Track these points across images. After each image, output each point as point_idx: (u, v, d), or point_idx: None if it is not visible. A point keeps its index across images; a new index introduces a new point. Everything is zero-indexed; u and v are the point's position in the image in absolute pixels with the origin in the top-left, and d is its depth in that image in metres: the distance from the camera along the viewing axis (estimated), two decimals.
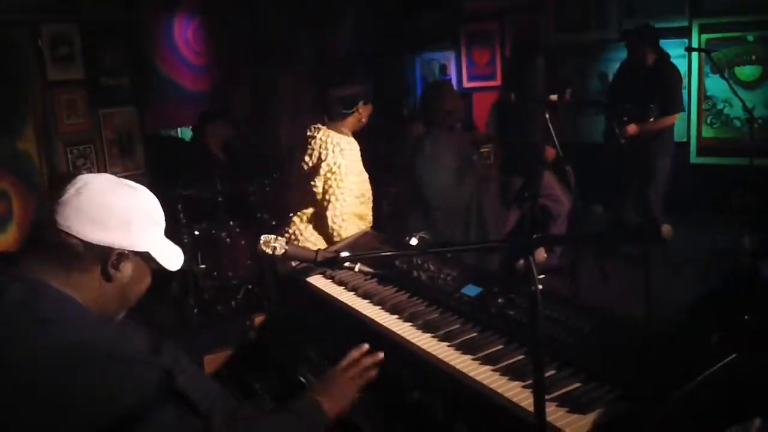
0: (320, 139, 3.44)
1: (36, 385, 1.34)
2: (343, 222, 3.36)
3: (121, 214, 1.52)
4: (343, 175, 3.34)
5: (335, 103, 3.48)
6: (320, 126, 3.50)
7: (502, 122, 5.76)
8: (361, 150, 3.52)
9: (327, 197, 3.35)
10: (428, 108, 4.76)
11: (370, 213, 3.57)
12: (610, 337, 1.76)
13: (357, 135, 3.62)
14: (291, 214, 3.60)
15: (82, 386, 1.35)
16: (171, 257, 1.66)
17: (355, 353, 1.95)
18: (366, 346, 1.96)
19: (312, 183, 3.41)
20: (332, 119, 3.50)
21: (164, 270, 1.65)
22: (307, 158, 3.47)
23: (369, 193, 3.57)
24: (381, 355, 1.94)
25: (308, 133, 3.52)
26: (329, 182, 3.34)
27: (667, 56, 5.77)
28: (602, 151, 5.90)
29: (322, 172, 3.36)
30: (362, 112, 3.53)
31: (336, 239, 3.36)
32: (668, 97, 5.59)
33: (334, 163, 3.34)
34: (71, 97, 5.67)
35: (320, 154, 3.40)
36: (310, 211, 3.52)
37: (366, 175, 3.54)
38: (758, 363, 1.64)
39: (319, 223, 3.47)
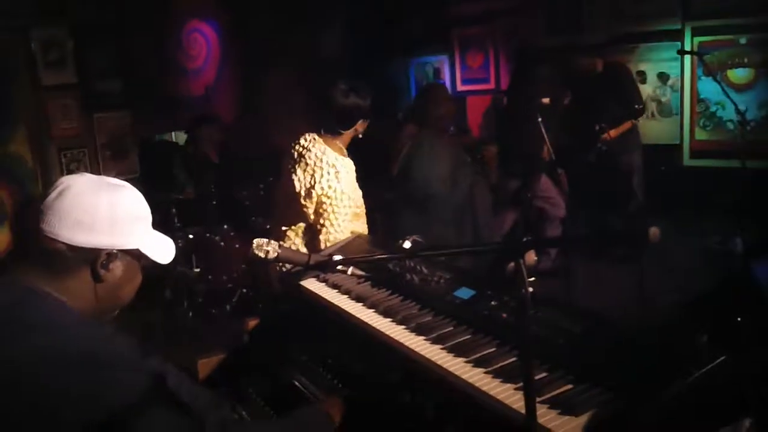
0: (315, 155, 3.17)
1: (21, 391, 1.33)
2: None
3: (106, 214, 1.50)
4: (339, 200, 3.10)
5: (332, 117, 3.22)
6: (316, 137, 3.24)
7: (499, 125, 5.80)
8: (354, 154, 3.39)
9: (321, 221, 3.12)
10: (422, 110, 4.77)
11: (364, 225, 3.36)
12: (600, 338, 1.77)
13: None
14: (285, 228, 3.32)
15: (67, 391, 1.34)
16: (161, 251, 1.63)
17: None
18: None
19: (303, 203, 3.19)
20: (327, 132, 3.25)
21: (156, 265, 1.63)
22: (300, 173, 3.21)
23: (362, 207, 3.33)
24: None
25: (302, 143, 3.25)
26: (324, 206, 3.12)
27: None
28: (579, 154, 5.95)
29: (314, 195, 3.14)
30: (359, 129, 3.29)
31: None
32: (628, 95, 5.89)
33: (329, 187, 3.11)
34: (64, 101, 5.68)
35: (314, 172, 3.15)
36: (303, 225, 3.27)
37: (359, 191, 3.30)
38: (748, 364, 1.65)
39: (312, 241, 3.22)
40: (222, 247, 5.30)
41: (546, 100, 4.82)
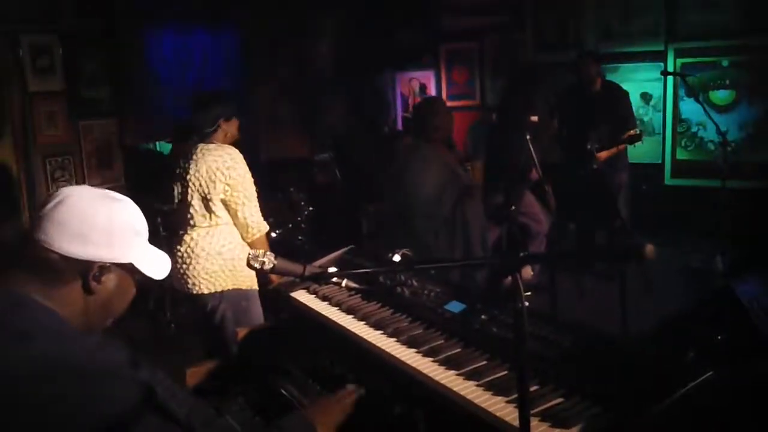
0: (201, 153, 3.53)
1: (13, 399, 1.32)
2: (259, 218, 3.54)
3: (102, 228, 1.49)
4: (242, 178, 3.47)
5: (198, 124, 3.61)
6: (198, 144, 3.60)
7: (485, 141, 5.84)
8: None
9: (235, 201, 3.47)
10: (420, 122, 4.80)
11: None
12: (590, 353, 1.79)
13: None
14: (181, 232, 3.61)
15: (60, 401, 1.32)
16: (156, 266, 1.63)
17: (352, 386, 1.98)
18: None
19: (207, 194, 3.47)
20: (202, 139, 3.60)
21: (149, 279, 1.62)
22: (193, 172, 3.52)
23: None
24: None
25: (192, 152, 3.59)
26: (229, 190, 3.45)
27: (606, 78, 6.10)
28: (569, 171, 6.00)
29: (219, 183, 3.45)
30: (226, 128, 3.64)
31: (255, 235, 3.53)
32: (623, 117, 5.91)
33: (227, 172, 3.44)
34: (51, 108, 5.65)
35: (208, 167, 3.47)
36: (204, 225, 3.55)
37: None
38: (733, 380, 1.69)
39: (217, 237, 3.53)
40: None
41: (535, 118, 4.86)
